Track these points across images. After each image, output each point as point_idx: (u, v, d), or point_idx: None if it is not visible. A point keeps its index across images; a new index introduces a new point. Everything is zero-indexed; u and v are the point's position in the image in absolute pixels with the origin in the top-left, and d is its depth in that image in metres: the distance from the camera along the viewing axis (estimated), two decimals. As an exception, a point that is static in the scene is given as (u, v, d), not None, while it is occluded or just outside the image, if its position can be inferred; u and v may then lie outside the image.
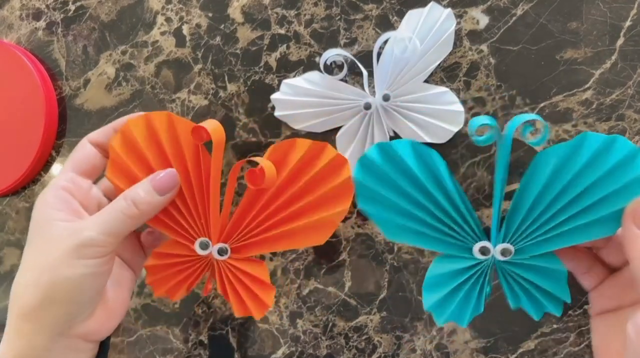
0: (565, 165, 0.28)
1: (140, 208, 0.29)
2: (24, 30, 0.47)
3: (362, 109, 0.37)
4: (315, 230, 0.31)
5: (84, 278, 0.28)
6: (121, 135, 0.31)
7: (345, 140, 0.39)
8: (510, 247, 0.29)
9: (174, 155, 0.31)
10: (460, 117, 0.36)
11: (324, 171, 0.31)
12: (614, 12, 0.36)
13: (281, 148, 0.31)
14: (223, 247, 0.32)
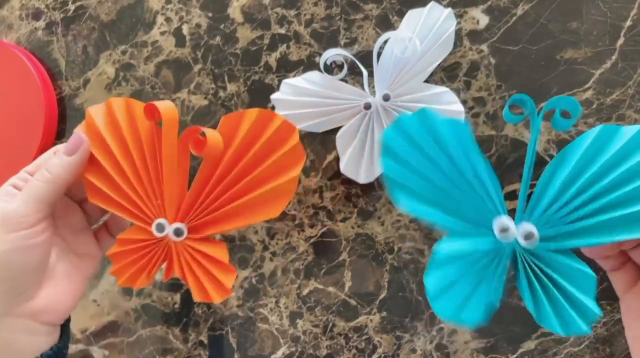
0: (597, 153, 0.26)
1: (53, 172, 0.30)
2: (24, 30, 0.47)
3: (362, 108, 0.37)
4: (269, 201, 0.31)
5: (11, 253, 0.28)
6: (85, 124, 0.32)
7: (345, 140, 0.39)
8: (534, 230, 0.26)
9: (131, 138, 0.32)
10: (461, 117, 0.36)
11: (273, 139, 0.30)
12: (614, 12, 0.36)
13: (231, 119, 0.31)
14: (179, 228, 0.31)
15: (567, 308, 0.26)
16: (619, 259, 0.29)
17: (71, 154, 0.31)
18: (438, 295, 0.27)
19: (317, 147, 0.41)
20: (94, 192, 0.32)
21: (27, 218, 0.29)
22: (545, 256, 0.26)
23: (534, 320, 0.32)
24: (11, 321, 0.30)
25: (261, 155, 0.31)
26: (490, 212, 0.27)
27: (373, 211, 0.40)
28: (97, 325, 0.46)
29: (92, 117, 0.32)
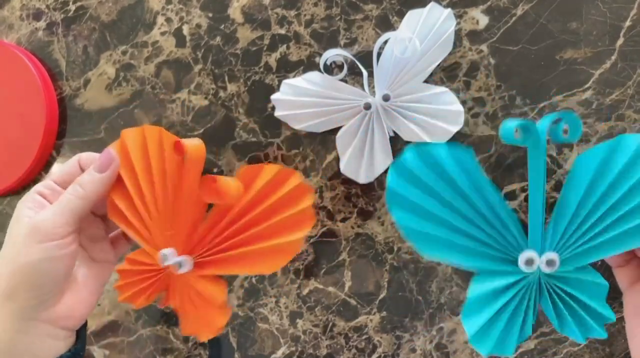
0: (605, 168, 0.26)
1: (85, 188, 0.32)
2: (25, 31, 0.47)
3: (362, 109, 0.37)
4: (272, 255, 0.32)
5: (42, 262, 0.30)
6: (118, 144, 0.34)
7: (345, 140, 0.39)
8: (556, 256, 0.27)
9: (157, 167, 0.33)
10: (460, 117, 0.36)
11: (288, 197, 0.32)
12: (613, 12, 0.36)
13: (251, 170, 0.33)
14: (182, 261, 0.33)
15: (586, 318, 0.28)
16: (624, 256, 0.31)
17: (102, 171, 0.32)
18: (479, 335, 0.28)
19: (317, 147, 0.41)
20: (114, 210, 0.34)
21: (59, 229, 0.30)
22: (566, 276, 0.28)
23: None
24: (35, 326, 0.31)
25: (273, 209, 0.32)
26: (512, 246, 0.27)
27: (373, 211, 0.40)
28: (97, 325, 0.46)
29: (125, 139, 0.33)
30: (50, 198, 0.33)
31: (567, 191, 0.27)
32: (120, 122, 0.45)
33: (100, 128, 0.46)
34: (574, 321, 0.29)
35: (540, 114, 0.37)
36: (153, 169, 0.33)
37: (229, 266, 0.33)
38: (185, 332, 0.34)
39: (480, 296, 0.28)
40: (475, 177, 0.27)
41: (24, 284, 0.30)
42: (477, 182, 0.27)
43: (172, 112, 0.44)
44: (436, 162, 0.27)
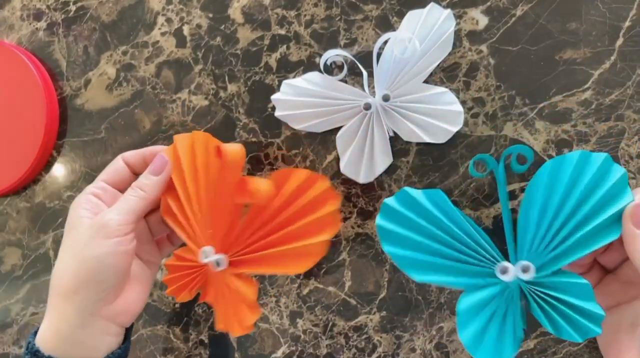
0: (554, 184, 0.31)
1: (146, 190, 0.35)
2: (25, 31, 0.47)
3: (362, 109, 0.37)
4: (301, 257, 0.34)
5: (108, 255, 0.32)
6: (171, 148, 0.36)
7: (345, 140, 0.39)
8: (529, 263, 0.31)
9: (203, 170, 0.36)
10: (460, 117, 0.36)
11: (315, 200, 0.34)
12: (613, 12, 0.36)
13: (282, 174, 0.35)
14: (220, 259, 0.35)
15: (576, 317, 0.30)
16: (586, 263, 0.34)
17: (157, 174, 0.35)
18: (476, 345, 0.32)
19: (317, 147, 0.41)
20: (166, 210, 0.36)
21: (123, 226, 0.33)
22: (545, 281, 0.31)
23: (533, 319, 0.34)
24: (96, 321, 0.33)
25: (302, 211, 0.34)
26: (490, 262, 0.32)
27: (373, 211, 0.40)
28: (98, 325, 0.46)
29: (176, 143, 0.36)
30: (104, 198, 0.35)
31: (527, 205, 0.31)
32: (120, 122, 0.45)
33: (100, 128, 0.46)
34: (566, 323, 0.31)
35: (540, 113, 0.37)
36: (199, 172, 0.36)
37: (261, 266, 0.35)
38: (218, 326, 0.36)
39: (468, 308, 0.31)
40: (448, 211, 0.32)
41: (89, 278, 0.32)
42: (451, 214, 0.32)
43: (172, 112, 0.44)
44: (415, 203, 0.32)
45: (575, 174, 0.31)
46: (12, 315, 0.48)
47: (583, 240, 0.30)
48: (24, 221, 0.48)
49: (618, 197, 0.30)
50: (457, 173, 0.38)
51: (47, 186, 0.47)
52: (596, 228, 0.30)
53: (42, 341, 0.33)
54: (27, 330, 0.48)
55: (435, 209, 0.32)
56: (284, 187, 0.34)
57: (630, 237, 0.29)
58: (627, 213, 0.29)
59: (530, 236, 0.31)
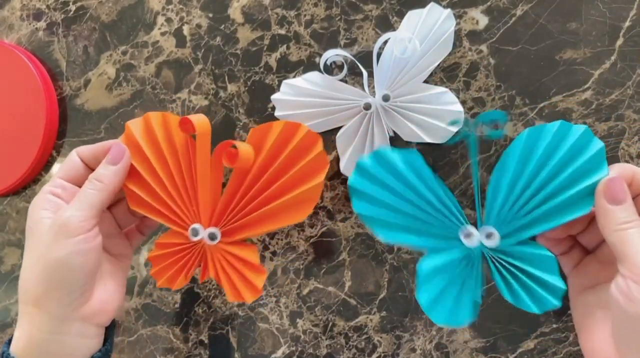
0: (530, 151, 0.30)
1: (104, 180, 0.33)
2: (25, 31, 0.47)
3: (362, 109, 0.37)
4: (295, 206, 0.33)
5: (72, 256, 0.30)
6: (124, 136, 0.35)
7: (345, 140, 0.39)
8: (494, 230, 0.31)
9: (168, 149, 0.34)
10: (460, 117, 0.36)
11: (298, 148, 0.33)
12: (613, 12, 0.36)
13: (259, 131, 0.33)
14: (213, 232, 0.34)
15: (537, 289, 0.30)
16: (567, 244, 0.34)
17: (115, 163, 0.33)
18: (431, 306, 0.31)
19: (317, 147, 0.41)
20: (133, 199, 0.35)
21: (84, 223, 0.31)
22: (509, 250, 0.31)
23: (533, 319, 0.35)
24: (70, 325, 0.32)
25: (287, 163, 0.33)
26: (455, 225, 0.31)
27: (373, 211, 0.40)
28: (97, 325, 0.46)
29: (130, 130, 0.34)
30: (63, 196, 0.33)
31: (499, 171, 0.31)
32: (120, 122, 0.45)
33: (100, 128, 0.46)
34: (525, 293, 0.31)
35: (540, 113, 0.37)
36: (164, 152, 0.34)
37: (256, 226, 0.34)
38: (230, 299, 0.35)
39: (429, 270, 0.31)
40: (422, 172, 0.31)
41: (56, 282, 0.31)
42: (423, 176, 0.32)
43: (172, 112, 0.44)
44: (389, 163, 0.32)
45: (552, 144, 0.30)
46: (12, 315, 0.48)
47: (553, 211, 0.30)
48: (23, 221, 0.48)
49: (594, 171, 0.29)
50: (457, 173, 0.38)
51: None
52: (567, 201, 0.29)
53: (17, 349, 0.31)
54: (27, 330, 0.48)
55: (408, 170, 0.32)
56: (264, 144, 0.33)
57: (602, 211, 0.28)
58: (600, 188, 0.29)
59: (499, 203, 0.31)
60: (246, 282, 0.34)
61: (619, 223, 0.28)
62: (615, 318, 0.28)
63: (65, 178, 0.34)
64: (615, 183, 0.28)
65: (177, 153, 0.34)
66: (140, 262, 0.45)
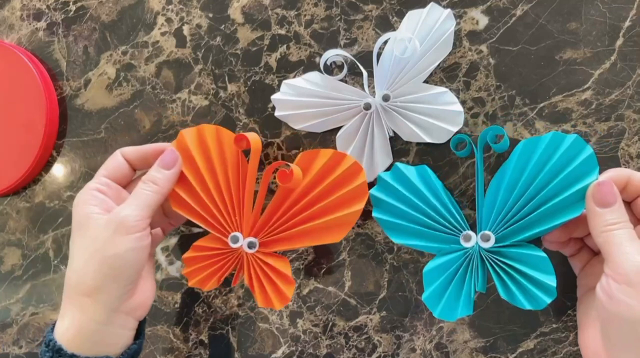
0: (525, 162, 0.33)
1: (159, 183, 0.35)
2: (25, 31, 0.47)
3: (362, 109, 0.37)
4: (333, 228, 0.36)
5: (129, 252, 0.33)
6: (177, 143, 0.37)
7: (345, 140, 0.39)
8: (489, 233, 0.34)
9: (218, 161, 0.37)
10: (460, 117, 0.36)
11: (342, 177, 0.36)
12: (613, 12, 0.36)
13: (308, 155, 0.36)
14: (252, 241, 0.37)
15: (530, 287, 0.32)
16: (575, 246, 0.35)
17: (169, 168, 0.36)
18: (436, 304, 0.35)
19: (317, 147, 0.41)
20: (177, 201, 0.37)
21: (140, 222, 0.33)
22: (505, 251, 0.34)
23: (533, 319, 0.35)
24: (117, 316, 0.34)
25: (331, 188, 0.36)
26: (457, 230, 0.35)
27: (373, 211, 0.40)
28: (98, 325, 0.46)
29: (184, 137, 0.37)
30: (108, 194, 0.35)
31: (497, 180, 0.34)
32: (120, 122, 0.45)
33: (100, 128, 0.46)
34: (519, 291, 0.33)
35: (539, 113, 0.37)
36: (214, 162, 0.37)
37: (293, 241, 0.36)
38: (261, 304, 0.38)
39: (432, 270, 0.35)
40: (431, 184, 0.36)
41: (111, 276, 0.33)
42: (432, 187, 0.35)
43: (172, 112, 0.44)
44: (405, 177, 0.36)
45: (546, 153, 0.32)
46: (12, 315, 0.48)
47: (546, 215, 0.32)
48: (23, 221, 0.48)
49: (585, 176, 0.31)
50: (457, 173, 0.38)
51: (47, 186, 0.47)
52: (559, 205, 0.32)
53: (64, 339, 0.33)
54: (27, 330, 0.48)
55: (420, 182, 0.35)
56: (311, 168, 0.36)
57: (591, 214, 0.30)
58: (589, 192, 0.30)
59: (496, 209, 0.34)
60: (277, 290, 0.37)
61: (606, 225, 0.29)
62: (600, 316, 0.30)
63: (109, 176, 0.36)
64: (604, 187, 0.30)
65: (227, 165, 0.37)
66: (140, 262, 0.45)
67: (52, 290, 0.47)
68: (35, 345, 0.48)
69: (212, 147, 0.37)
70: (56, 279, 0.47)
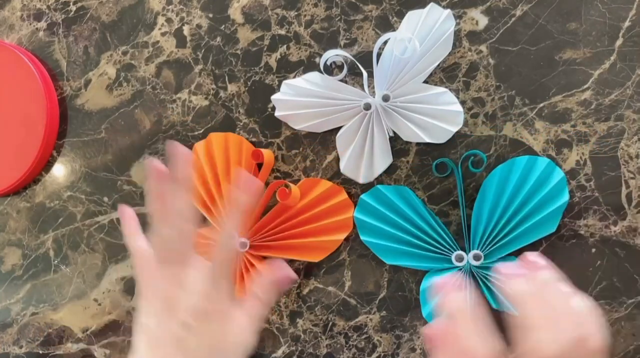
0: (504, 185, 0.36)
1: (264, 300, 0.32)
2: (25, 31, 0.48)
3: (362, 109, 0.37)
4: (315, 249, 0.40)
5: None
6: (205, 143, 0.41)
7: (345, 140, 0.39)
8: (479, 252, 0.37)
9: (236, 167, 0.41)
10: (460, 117, 0.36)
11: (334, 207, 0.39)
12: (612, 12, 0.36)
13: (309, 182, 0.40)
14: (245, 242, 0.40)
15: None
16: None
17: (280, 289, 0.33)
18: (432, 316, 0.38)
19: (317, 147, 0.41)
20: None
21: None
22: (490, 265, 0.37)
23: None
24: None
25: (321, 215, 0.40)
26: (447, 249, 0.37)
27: (373, 211, 0.40)
28: (98, 325, 0.46)
29: (211, 140, 0.41)
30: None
31: (479, 202, 0.37)
32: (120, 122, 0.45)
33: (101, 128, 0.46)
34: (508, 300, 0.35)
35: (539, 114, 0.37)
36: (231, 168, 0.41)
37: (278, 251, 0.40)
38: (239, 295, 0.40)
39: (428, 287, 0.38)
40: (414, 204, 0.38)
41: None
42: (416, 207, 0.38)
43: (172, 112, 0.44)
44: (385, 198, 0.38)
45: (522, 176, 0.36)
46: (12, 315, 0.48)
47: (524, 233, 0.36)
48: (24, 221, 0.48)
49: (556, 197, 0.35)
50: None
51: (47, 186, 0.47)
52: (535, 224, 0.35)
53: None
54: (27, 329, 0.48)
55: (403, 203, 0.38)
56: (310, 193, 0.40)
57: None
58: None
59: (481, 229, 0.37)
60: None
61: None
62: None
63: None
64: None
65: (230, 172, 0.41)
66: (141, 261, 0.45)
67: (53, 289, 0.47)
68: (35, 344, 0.48)
69: (232, 155, 0.41)
70: (56, 279, 0.47)
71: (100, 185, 0.45)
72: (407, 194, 0.38)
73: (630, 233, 0.36)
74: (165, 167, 0.30)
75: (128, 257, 0.45)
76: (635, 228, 0.36)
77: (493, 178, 0.36)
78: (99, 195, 0.46)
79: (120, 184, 0.45)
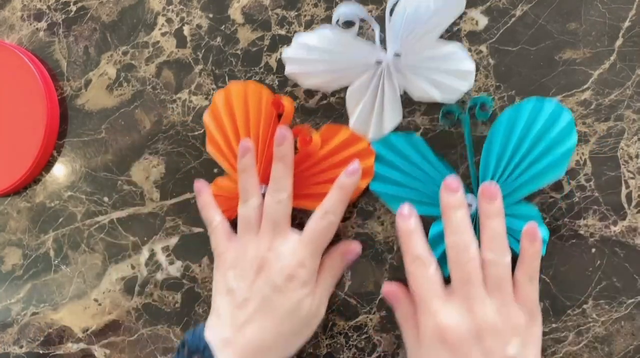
0: (511, 130, 0.35)
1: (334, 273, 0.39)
2: (25, 31, 0.48)
3: (373, 64, 0.37)
4: None
5: None
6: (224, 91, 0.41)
7: (355, 97, 0.38)
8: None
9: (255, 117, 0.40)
10: (471, 76, 0.36)
11: (356, 155, 0.38)
12: (612, 12, 0.36)
13: (330, 128, 0.40)
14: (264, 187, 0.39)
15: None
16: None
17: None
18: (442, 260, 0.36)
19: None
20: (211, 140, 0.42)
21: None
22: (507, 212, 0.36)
23: None
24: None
25: (343, 162, 0.38)
26: None
27: (373, 211, 0.40)
28: (98, 324, 0.46)
29: (231, 89, 0.40)
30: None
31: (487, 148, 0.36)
32: (121, 123, 0.45)
33: (101, 128, 0.46)
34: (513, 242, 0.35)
35: (539, 114, 0.37)
36: (250, 117, 0.40)
37: (299, 199, 0.39)
38: None
39: (437, 233, 0.37)
40: (424, 152, 0.37)
41: None
42: (426, 154, 0.37)
43: (172, 112, 0.44)
44: (394, 146, 0.38)
45: (529, 120, 0.35)
46: (12, 315, 0.48)
47: (533, 177, 0.35)
48: (24, 221, 0.48)
49: (565, 140, 0.34)
50: (457, 173, 0.38)
51: (47, 186, 0.47)
52: (544, 169, 0.35)
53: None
54: (28, 329, 0.48)
55: (413, 151, 0.37)
56: (331, 141, 0.39)
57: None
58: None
59: (490, 175, 0.36)
60: None
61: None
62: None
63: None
64: None
65: (261, 122, 0.40)
66: (141, 261, 0.45)
67: (53, 289, 0.47)
68: (35, 344, 0.48)
69: (251, 104, 0.40)
70: (56, 279, 0.47)
71: (100, 185, 0.46)
72: (417, 142, 0.37)
73: (630, 233, 0.36)
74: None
75: (128, 257, 0.45)
76: (635, 228, 0.36)
77: (500, 124, 0.35)
78: (99, 195, 0.46)
79: (121, 184, 0.45)
